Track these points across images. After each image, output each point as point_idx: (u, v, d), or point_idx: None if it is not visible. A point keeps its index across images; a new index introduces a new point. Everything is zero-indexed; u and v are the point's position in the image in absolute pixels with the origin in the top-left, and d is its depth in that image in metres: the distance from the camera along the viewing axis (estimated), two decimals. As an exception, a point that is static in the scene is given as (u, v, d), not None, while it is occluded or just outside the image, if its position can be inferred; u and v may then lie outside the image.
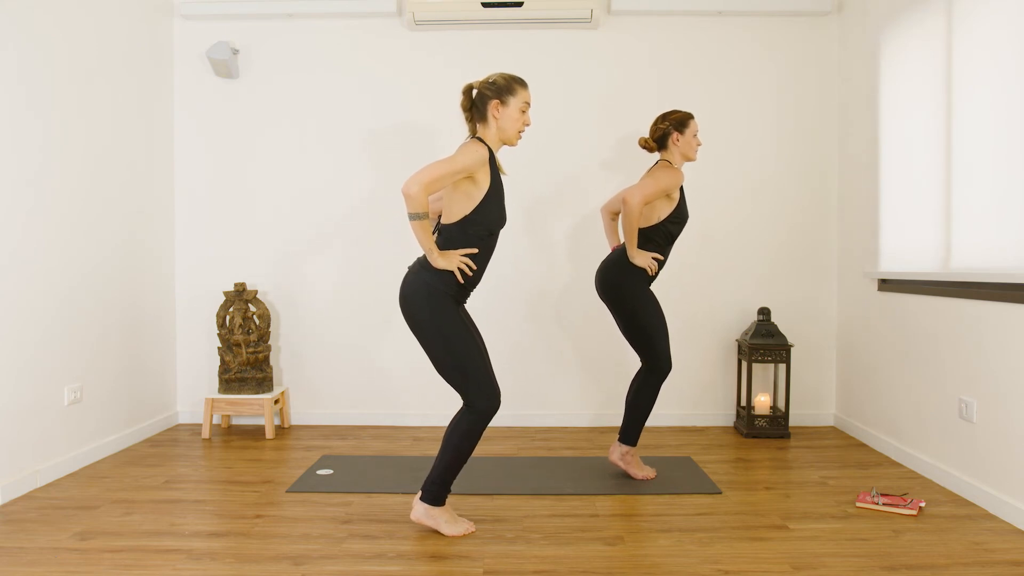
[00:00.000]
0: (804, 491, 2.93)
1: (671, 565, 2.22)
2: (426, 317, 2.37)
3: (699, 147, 3.08)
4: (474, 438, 2.41)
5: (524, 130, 2.54)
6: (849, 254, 3.91)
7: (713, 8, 3.94)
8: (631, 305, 2.96)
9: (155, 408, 3.93)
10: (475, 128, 2.50)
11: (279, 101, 4.08)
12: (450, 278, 2.38)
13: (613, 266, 3.01)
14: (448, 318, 2.37)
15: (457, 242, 2.40)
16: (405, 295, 2.41)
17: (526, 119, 2.49)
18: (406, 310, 2.41)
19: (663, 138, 3.03)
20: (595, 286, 3.10)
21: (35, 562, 2.24)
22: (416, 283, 2.39)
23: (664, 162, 3.02)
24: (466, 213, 2.38)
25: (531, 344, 4.08)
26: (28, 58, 2.96)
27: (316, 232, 4.09)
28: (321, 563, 2.24)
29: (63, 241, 3.17)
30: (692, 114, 3.06)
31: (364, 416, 4.12)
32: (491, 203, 2.40)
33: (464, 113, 2.50)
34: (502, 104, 2.43)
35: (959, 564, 2.23)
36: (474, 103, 2.48)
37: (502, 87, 2.44)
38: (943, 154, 3.01)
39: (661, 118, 3.04)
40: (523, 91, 2.47)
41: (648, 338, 2.97)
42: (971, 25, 2.83)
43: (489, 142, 2.45)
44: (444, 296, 2.38)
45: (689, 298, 4.06)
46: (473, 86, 2.47)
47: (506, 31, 4.03)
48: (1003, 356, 2.64)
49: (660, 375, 2.99)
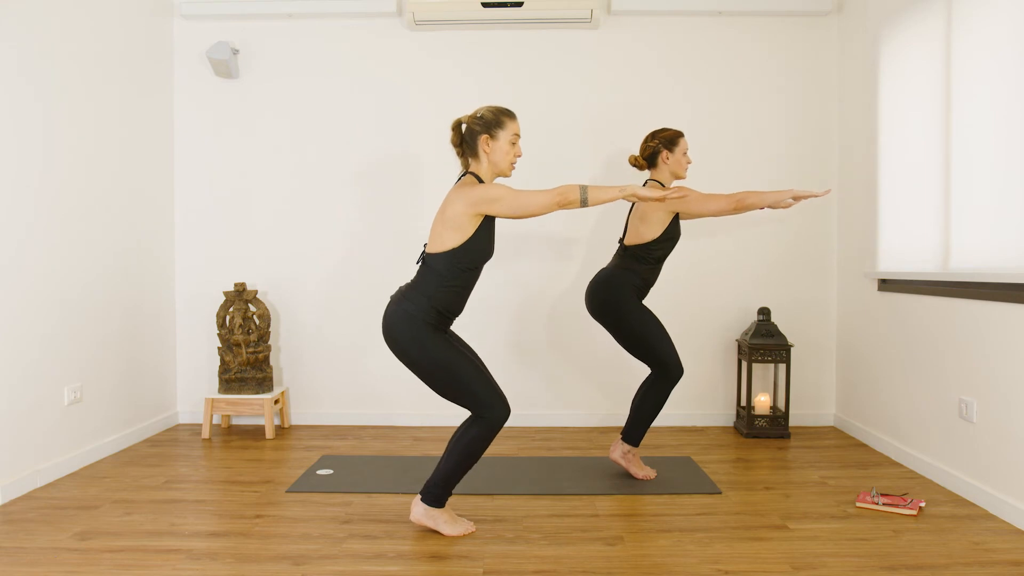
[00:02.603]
0: (804, 491, 2.93)
1: (671, 565, 2.22)
2: (413, 347, 2.34)
3: (689, 165, 3.07)
4: (483, 445, 2.40)
5: (516, 161, 2.51)
6: (849, 254, 3.91)
7: (713, 8, 3.94)
8: (625, 320, 2.95)
9: (155, 408, 3.93)
10: (467, 163, 2.48)
11: (279, 101, 4.08)
12: (431, 307, 2.36)
13: (600, 285, 3.00)
14: (435, 343, 2.35)
15: (440, 272, 2.36)
16: (388, 327, 2.38)
17: (517, 151, 2.46)
18: (391, 342, 2.38)
19: (653, 156, 3.03)
20: (586, 307, 3.08)
21: (35, 562, 2.24)
22: (397, 313, 2.36)
23: (656, 184, 3.02)
24: (455, 245, 2.35)
25: (531, 344, 4.08)
26: (28, 59, 2.96)
27: (316, 232, 4.09)
28: (321, 563, 2.24)
29: (63, 241, 3.17)
30: (682, 132, 3.05)
31: (364, 416, 4.12)
32: (481, 238, 2.38)
33: (455, 148, 2.48)
34: (491, 138, 2.41)
35: (959, 564, 2.23)
36: (464, 138, 2.45)
37: (490, 121, 2.41)
38: (943, 154, 3.01)
39: (651, 136, 3.04)
40: (512, 123, 2.44)
41: (651, 348, 2.95)
42: (971, 25, 2.83)
43: (483, 176, 2.44)
44: (425, 324, 2.35)
45: (689, 298, 4.06)
46: (462, 121, 2.45)
47: (506, 31, 4.03)
48: (1003, 356, 2.64)
49: (671, 381, 2.98)
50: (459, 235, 2.34)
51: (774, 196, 2.81)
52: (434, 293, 2.36)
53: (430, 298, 2.36)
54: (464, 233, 2.34)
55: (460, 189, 2.36)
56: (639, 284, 2.99)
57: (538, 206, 2.30)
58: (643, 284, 3.01)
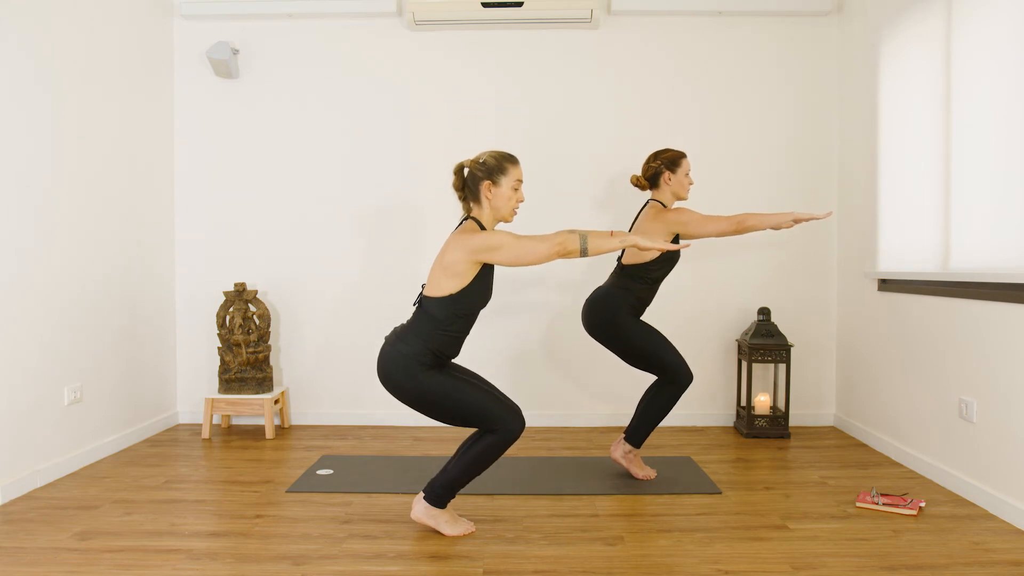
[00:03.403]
0: (804, 491, 2.93)
1: (671, 565, 2.22)
2: (409, 385, 2.34)
3: (691, 186, 3.06)
4: (496, 455, 2.40)
5: (519, 206, 2.50)
6: (849, 254, 3.91)
7: (713, 8, 3.94)
8: (625, 337, 2.94)
9: (155, 408, 3.93)
10: (469, 207, 2.46)
11: (279, 101, 4.08)
12: (426, 350, 2.34)
13: (596, 304, 3.00)
14: (431, 378, 2.34)
15: (436, 318, 2.35)
16: (383, 368, 2.37)
17: (519, 196, 2.44)
18: (387, 383, 2.37)
19: (655, 177, 3.03)
20: (584, 327, 3.08)
21: (35, 562, 2.24)
22: (391, 355, 2.35)
23: (656, 205, 3.01)
24: (452, 291, 2.33)
25: (531, 345, 4.08)
26: (27, 59, 2.96)
27: (316, 232, 4.09)
28: (321, 563, 2.24)
29: (63, 241, 3.17)
30: (684, 153, 3.04)
31: (364, 416, 4.12)
32: (479, 285, 2.37)
33: (456, 192, 2.46)
34: (494, 184, 2.39)
35: (959, 564, 2.23)
36: (466, 183, 2.43)
37: (492, 167, 2.39)
38: (943, 154, 3.01)
39: (653, 156, 3.04)
40: (514, 169, 2.42)
41: (658, 359, 2.95)
42: (971, 25, 2.83)
43: (484, 222, 2.42)
44: (420, 364, 2.34)
45: (689, 298, 4.06)
46: (464, 165, 2.44)
47: (506, 31, 4.03)
48: (1003, 356, 2.64)
49: (681, 387, 2.97)
50: (457, 282, 2.33)
51: (775, 219, 2.82)
52: (429, 337, 2.35)
53: (425, 341, 2.34)
54: (462, 280, 2.33)
55: (460, 236, 2.33)
56: (634, 303, 2.98)
57: (538, 256, 2.29)
58: (638, 303, 3.00)
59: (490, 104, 4.04)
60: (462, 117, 4.05)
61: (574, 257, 2.33)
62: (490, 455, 2.38)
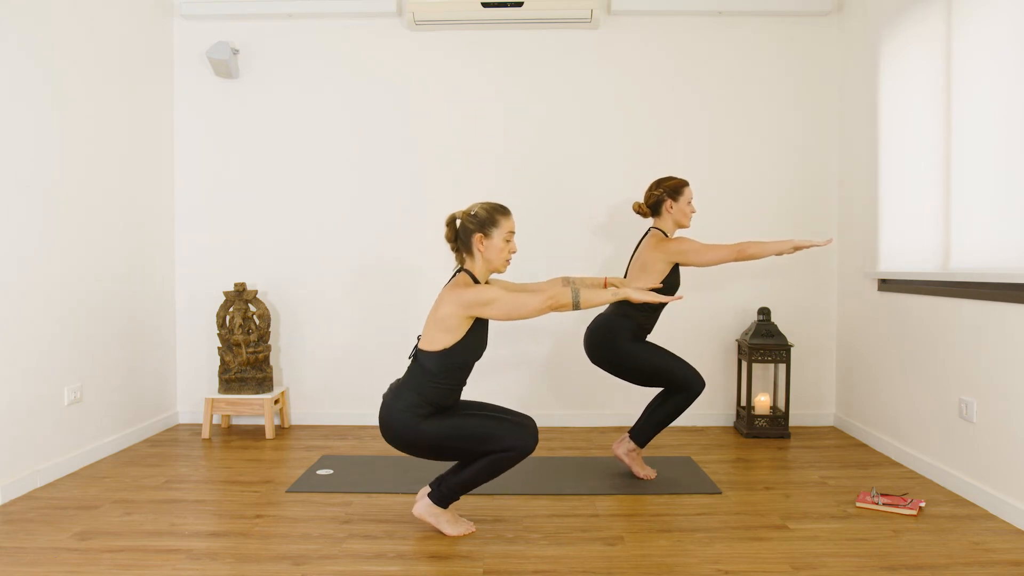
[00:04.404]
0: (804, 491, 2.93)
1: (671, 565, 2.22)
2: (414, 438, 2.33)
3: (693, 214, 3.06)
4: (508, 467, 2.40)
5: (511, 257, 2.49)
6: (849, 254, 3.91)
7: (713, 8, 3.94)
8: (631, 362, 2.94)
9: (155, 408, 3.93)
10: (462, 259, 2.46)
11: (279, 101, 4.08)
12: (424, 402, 2.34)
13: (596, 333, 3.00)
14: (433, 426, 2.33)
15: (431, 371, 2.34)
16: (385, 427, 2.37)
17: (512, 247, 2.43)
18: (392, 440, 2.38)
19: (657, 205, 3.03)
20: (587, 356, 3.08)
21: (35, 562, 2.24)
22: (391, 413, 2.35)
23: (657, 234, 3.00)
24: (446, 345, 2.33)
25: (531, 344, 4.08)
26: (26, 59, 2.96)
27: (316, 232, 4.09)
28: (321, 563, 2.24)
29: (63, 241, 3.17)
30: (687, 181, 3.04)
31: (364, 416, 4.11)
32: (472, 339, 2.37)
33: (449, 243, 2.46)
34: (485, 236, 2.39)
35: (959, 564, 2.23)
36: (458, 234, 2.44)
37: (484, 220, 2.39)
38: (943, 154, 3.01)
39: (655, 184, 3.04)
40: (506, 221, 2.41)
41: (669, 374, 2.94)
42: (971, 25, 2.83)
43: (476, 273, 2.42)
44: (420, 417, 2.34)
45: (689, 298, 4.06)
46: (456, 216, 2.44)
47: (506, 31, 4.03)
48: (1003, 356, 2.64)
49: (693, 394, 2.97)
50: (450, 336, 2.33)
51: (775, 247, 2.86)
52: (425, 391, 2.35)
53: (421, 394, 2.35)
54: (456, 334, 2.33)
55: (453, 290, 2.33)
56: (635, 329, 2.98)
57: (530, 311, 2.29)
58: (639, 330, 3.00)
59: (490, 103, 4.04)
60: (462, 116, 4.05)
61: (567, 311, 2.33)
62: (503, 466, 2.39)
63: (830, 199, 4.06)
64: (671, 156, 4.03)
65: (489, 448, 2.35)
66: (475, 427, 2.35)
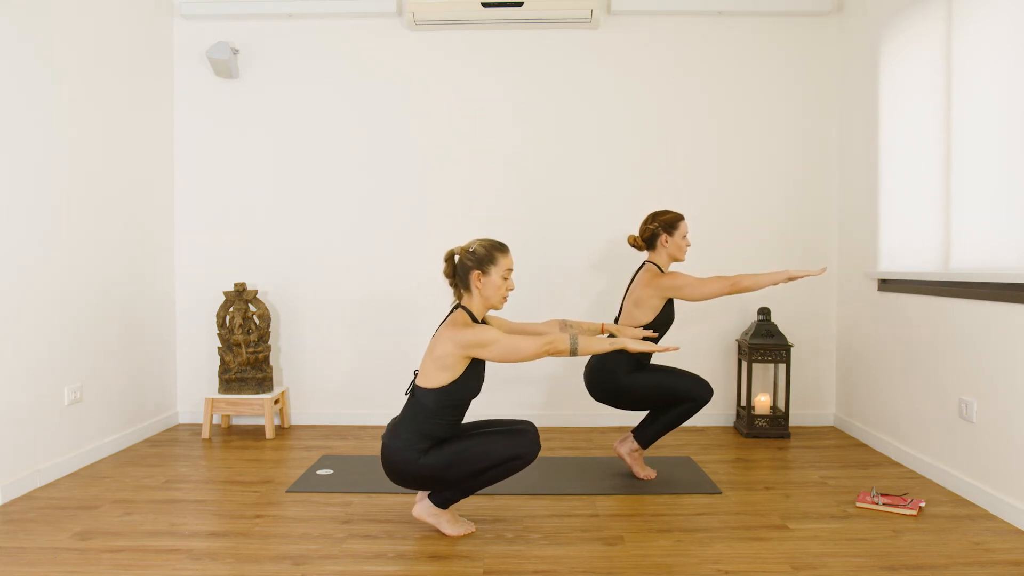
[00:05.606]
0: (804, 491, 2.93)
1: (671, 565, 2.22)
2: (416, 473, 2.34)
3: (688, 248, 3.06)
4: (511, 473, 2.40)
5: (508, 294, 2.49)
6: (849, 254, 3.91)
7: (713, 8, 3.94)
8: (634, 393, 2.94)
9: (155, 408, 3.93)
10: (460, 295, 2.46)
11: (279, 101, 4.08)
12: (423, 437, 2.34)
13: (596, 372, 2.99)
14: (432, 458, 2.33)
15: (429, 408, 2.34)
16: (387, 466, 2.38)
17: (509, 284, 2.43)
18: (395, 479, 2.38)
19: (652, 239, 3.02)
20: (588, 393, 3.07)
21: (35, 562, 2.24)
22: (392, 452, 2.35)
23: (651, 268, 2.99)
24: (444, 383, 2.33)
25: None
26: (27, 59, 2.96)
27: (316, 232, 4.09)
28: (321, 563, 2.24)
29: (63, 241, 3.17)
30: (682, 215, 3.04)
31: (364, 416, 4.11)
32: (470, 377, 2.37)
33: (447, 279, 2.47)
34: (483, 274, 2.39)
35: (959, 564, 2.23)
36: (456, 270, 2.44)
37: (482, 257, 2.39)
38: (943, 154, 3.01)
39: (651, 218, 3.03)
40: (504, 258, 2.41)
41: (675, 392, 2.94)
42: (971, 25, 2.83)
43: (474, 310, 2.42)
44: (420, 452, 2.34)
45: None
46: (455, 253, 2.44)
47: (506, 31, 4.03)
48: (1003, 356, 2.64)
49: (701, 402, 2.97)
50: (447, 375, 2.33)
51: (770, 278, 2.86)
52: (423, 427, 2.35)
53: (419, 431, 2.35)
54: (453, 373, 2.33)
55: (451, 329, 2.33)
56: (632, 362, 2.97)
57: (527, 355, 2.30)
58: (636, 364, 2.99)
59: (491, 103, 4.04)
60: (462, 116, 4.05)
61: (563, 356, 2.32)
62: (505, 473, 2.40)
63: (830, 199, 4.06)
64: (671, 156, 4.03)
65: (493, 463, 2.36)
66: (476, 449, 2.35)
